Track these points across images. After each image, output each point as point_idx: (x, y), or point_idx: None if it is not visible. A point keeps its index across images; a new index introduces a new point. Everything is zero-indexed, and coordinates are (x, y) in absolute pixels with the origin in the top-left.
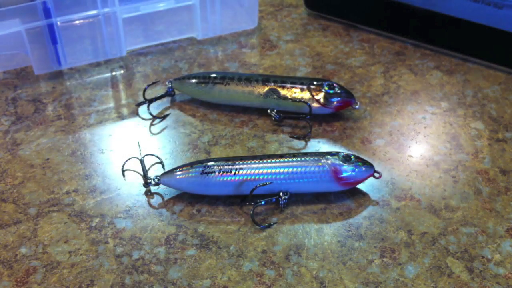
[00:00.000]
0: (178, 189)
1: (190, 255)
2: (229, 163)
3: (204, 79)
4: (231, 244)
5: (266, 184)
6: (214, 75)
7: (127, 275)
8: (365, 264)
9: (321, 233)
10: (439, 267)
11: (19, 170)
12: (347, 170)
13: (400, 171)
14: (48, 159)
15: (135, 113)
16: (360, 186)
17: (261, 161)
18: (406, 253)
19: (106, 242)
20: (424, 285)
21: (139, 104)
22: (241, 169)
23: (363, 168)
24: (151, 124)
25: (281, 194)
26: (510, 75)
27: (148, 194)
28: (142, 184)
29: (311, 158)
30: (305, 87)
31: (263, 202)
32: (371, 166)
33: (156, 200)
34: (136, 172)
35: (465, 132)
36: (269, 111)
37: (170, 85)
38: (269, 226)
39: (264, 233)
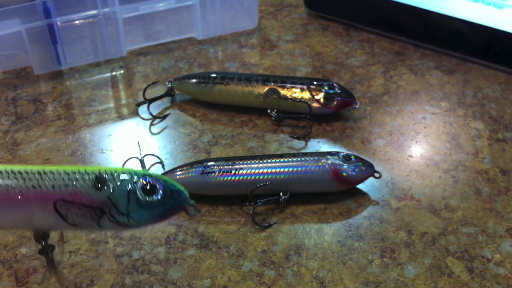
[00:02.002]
0: None
1: (190, 255)
2: (229, 163)
3: (204, 79)
4: (231, 244)
5: (266, 184)
6: (214, 75)
7: (127, 275)
8: (365, 264)
9: (321, 233)
10: (439, 267)
11: None
12: (347, 170)
13: (400, 171)
14: (48, 159)
15: (135, 113)
16: (360, 186)
17: (261, 161)
18: (406, 253)
19: (106, 242)
20: (424, 285)
21: (139, 104)
22: (241, 169)
23: (363, 168)
24: (151, 124)
25: (281, 194)
26: (510, 75)
27: None
28: None
29: (311, 158)
30: (305, 87)
31: (262, 202)
32: (371, 166)
33: None
34: None
35: (465, 132)
36: (269, 111)
37: (170, 85)
38: (269, 226)
39: (264, 233)
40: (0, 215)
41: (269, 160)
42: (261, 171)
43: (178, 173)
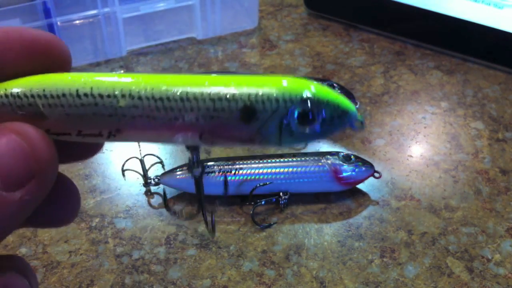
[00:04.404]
0: (178, 189)
1: (190, 255)
2: (229, 163)
3: None
4: (231, 244)
5: (266, 184)
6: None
7: (127, 275)
8: (365, 264)
9: (321, 233)
10: (439, 267)
11: None
12: (347, 170)
13: (400, 171)
14: None
15: None
16: (360, 186)
17: (261, 161)
18: (406, 253)
19: (106, 242)
20: (424, 285)
21: None
22: (241, 169)
23: (363, 168)
24: None
25: (281, 194)
26: (510, 75)
27: (148, 194)
28: (142, 184)
29: (311, 158)
30: None
31: (263, 202)
32: (371, 166)
33: (156, 200)
34: (136, 172)
35: (465, 132)
36: None
37: None
38: (269, 226)
39: (264, 233)
40: (143, 138)
41: (269, 160)
42: (261, 171)
43: (178, 173)
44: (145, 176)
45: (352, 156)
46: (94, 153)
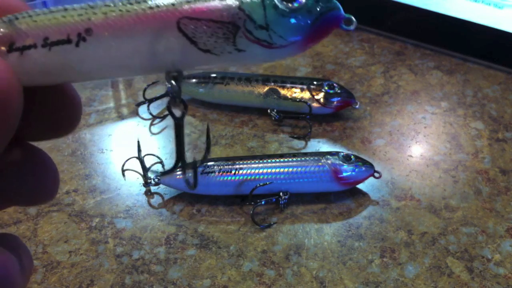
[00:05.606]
0: (178, 189)
1: (190, 255)
2: (229, 163)
3: (204, 79)
4: (231, 244)
5: (266, 184)
6: (214, 75)
7: (127, 275)
8: (365, 264)
9: (321, 233)
10: (439, 267)
11: None
12: (347, 170)
13: (400, 171)
14: None
15: (135, 113)
16: (360, 186)
17: (261, 161)
18: (406, 253)
19: (106, 242)
20: (424, 285)
21: (139, 104)
22: (241, 169)
23: (363, 168)
24: (151, 124)
25: (281, 194)
26: (510, 75)
27: (148, 194)
28: (142, 184)
29: (311, 158)
30: (305, 87)
31: (263, 202)
32: (371, 166)
33: (156, 200)
34: (136, 172)
35: (465, 132)
36: (269, 111)
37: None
38: (269, 226)
39: (264, 233)
40: (118, 47)
41: (269, 160)
42: (261, 171)
43: (178, 173)
44: (145, 176)
45: (352, 156)
46: (72, 122)
